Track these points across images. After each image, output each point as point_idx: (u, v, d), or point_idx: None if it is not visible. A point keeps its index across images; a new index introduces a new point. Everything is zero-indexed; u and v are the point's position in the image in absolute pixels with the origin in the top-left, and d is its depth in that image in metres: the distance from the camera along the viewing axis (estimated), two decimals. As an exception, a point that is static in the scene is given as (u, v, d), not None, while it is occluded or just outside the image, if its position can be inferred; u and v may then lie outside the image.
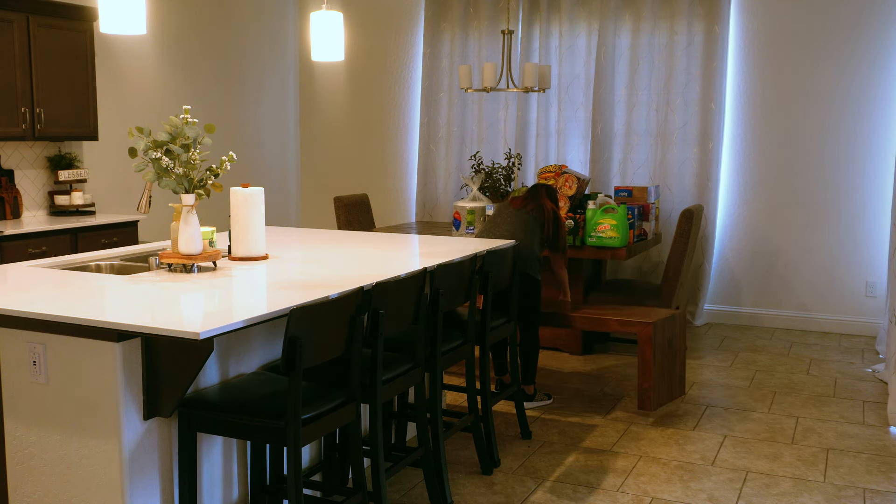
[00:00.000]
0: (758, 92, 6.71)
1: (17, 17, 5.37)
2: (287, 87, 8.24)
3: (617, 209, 5.59)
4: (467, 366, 3.91)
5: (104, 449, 2.61)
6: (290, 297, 2.84)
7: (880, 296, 6.43)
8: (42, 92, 5.53)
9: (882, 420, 4.63)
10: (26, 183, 5.81)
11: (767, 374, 5.50)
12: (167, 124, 3.21)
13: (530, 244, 4.65)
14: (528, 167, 7.29)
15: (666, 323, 4.81)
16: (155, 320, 2.52)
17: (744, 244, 6.85)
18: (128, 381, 2.60)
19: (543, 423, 4.54)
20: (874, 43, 6.35)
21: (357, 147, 8.17)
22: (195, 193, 3.29)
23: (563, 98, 7.20)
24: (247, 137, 7.73)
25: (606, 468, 3.95)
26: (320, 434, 2.78)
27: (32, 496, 2.77)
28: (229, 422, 2.68)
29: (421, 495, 3.63)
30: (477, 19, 7.45)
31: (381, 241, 4.48)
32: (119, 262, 3.73)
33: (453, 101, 7.58)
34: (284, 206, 8.24)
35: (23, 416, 2.76)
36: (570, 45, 7.16)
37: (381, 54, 7.95)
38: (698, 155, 6.80)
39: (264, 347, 3.18)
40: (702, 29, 6.73)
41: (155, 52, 6.77)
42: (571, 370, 5.55)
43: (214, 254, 3.36)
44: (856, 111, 6.44)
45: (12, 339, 2.73)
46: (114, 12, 3.23)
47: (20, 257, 4.97)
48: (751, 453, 4.14)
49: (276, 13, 8.03)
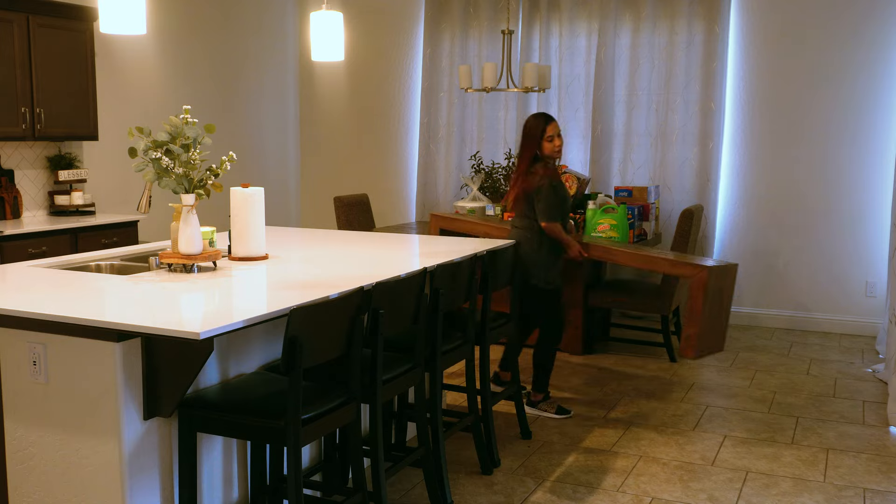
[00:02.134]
0: (758, 92, 6.71)
1: (17, 17, 5.37)
2: (287, 87, 8.24)
3: (617, 209, 5.59)
4: (467, 366, 3.91)
5: (104, 449, 2.61)
6: (290, 297, 2.84)
7: (880, 296, 6.42)
8: (42, 92, 5.52)
9: (882, 420, 4.63)
10: (26, 183, 5.81)
11: (767, 374, 5.50)
12: (167, 124, 3.21)
13: (525, 246, 4.55)
14: (528, 167, 7.28)
15: (721, 271, 4.67)
16: (155, 320, 2.51)
17: (744, 244, 6.85)
18: (128, 381, 2.60)
19: (543, 423, 4.54)
20: (874, 43, 6.35)
21: (357, 147, 8.17)
22: (195, 193, 3.29)
23: (563, 98, 7.20)
24: (247, 137, 7.73)
25: (606, 468, 3.95)
26: (320, 434, 2.78)
27: (32, 496, 2.77)
28: (229, 422, 2.68)
29: (421, 495, 3.63)
30: (477, 19, 7.45)
31: (381, 241, 4.48)
32: (119, 262, 3.73)
33: (453, 101, 7.58)
34: (284, 206, 8.24)
35: (23, 416, 2.76)
36: (570, 45, 7.16)
37: (381, 54, 7.95)
38: (698, 155, 6.80)
39: (264, 347, 3.18)
40: (702, 29, 6.73)
41: (155, 52, 6.77)
42: (571, 370, 5.55)
43: (214, 254, 3.36)
44: (856, 111, 6.44)
45: (12, 339, 2.73)
46: (114, 12, 3.23)
47: (20, 257, 4.97)
48: (751, 453, 4.14)
49: (276, 13, 8.03)
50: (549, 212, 4.47)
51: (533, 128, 4.50)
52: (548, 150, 4.47)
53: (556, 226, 4.49)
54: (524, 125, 4.56)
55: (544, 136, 4.46)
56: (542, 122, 4.48)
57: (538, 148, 4.49)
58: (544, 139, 4.46)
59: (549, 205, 4.46)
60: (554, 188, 4.48)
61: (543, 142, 4.46)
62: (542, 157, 4.50)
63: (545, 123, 4.47)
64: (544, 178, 4.46)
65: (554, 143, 4.46)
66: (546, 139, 4.46)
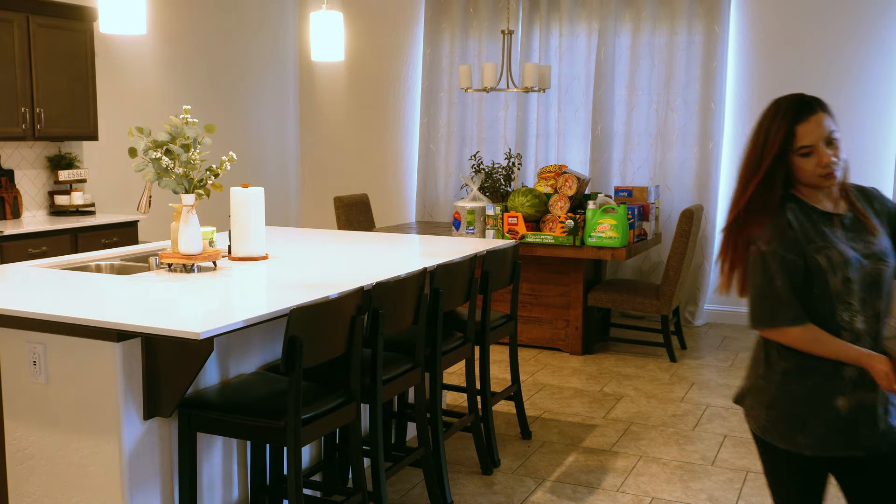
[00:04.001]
0: (758, 92, 6.71)
1: (17, 17, 5.36)
2: (287, 87, 8.24)
3: (617, 209, 5.59)
4: (467, 366, 3.91)
5: (104, 449, 2.61)
6: (290, 297, 2.84)
7: (880, 296, 6.41)
8: (42, 92, 5.52)
9: (882, 420, 4.63)
10: (26, 183, 5.81)
11: (767, 374, 5.49)
12: (167, 124, 3.21)
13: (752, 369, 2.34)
14: (528, 167, 7.29)
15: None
16: (155, 320, 2.51)
17: (744, 244, 6.83)
18: (128, 381, 2.60)
19: (543, 423, 4.54)
20: (874, 43, 6.35)
21: (357, 147, 8.17)
22: (195, 193, 3.29)
23: (562, 98, 7.20)
24: (247, 137, 7.73)
25: (606, 468, 3.95)
26: (320, 434, 2.78)
27: (32, 496, 2.77)
28: (229, 422, 2.68)
29: (421, 495, 3.63)
30: (477, 19, 7.45)
31: (381, 241, 4.48)
32: (119, 262, 3.73)
33: (453, 101, 7.58)
34: (284, 206, 8.24)
35: (23, 416, 2.76)
36: (570, 45, 7.16)
37: (381, 54, 7.95)
38: (698, 155, 6.80)
39: (264, 347, 3.18)
40: (702, 29, 6.73)
41: (155, 52, 6.77)
42: (571, 370, 5.55)
43: (214, 254, 3.36)
44: (856, 111, 6.44)
45: (12, 339, 2.73)
46: (114, 12, 3.23)
47: (20, 257, 4.97)
48: (751, 453, 4.14)
49: (276, 13, 8.03)
50: (758, 308, 2.18)
51: (768, 128, 2.17)
52: (806, 173, 2.15)
53: (791, 331, 2.13)
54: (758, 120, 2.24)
55: (794, 147, 2.14)
56: (786, 118, 2.15)
57: (783, 165, 2.15)
58: (795, 152, 2.14)
59: (759, 293, 2.17)
60: (770, 258, 2.13)
61: (795, 157, 2.15)
62: (796, 184, 2.19)
63: (794, 120, 2.15)
64: (762, 235, 2.15)
65: (819, 157, 2.13)
66: (798, 152, 2.14)
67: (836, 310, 2.11)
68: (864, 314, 2.12)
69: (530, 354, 5.85)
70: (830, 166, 2.12)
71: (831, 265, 2.10)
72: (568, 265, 5.84)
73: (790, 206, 2.16)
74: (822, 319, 2.12)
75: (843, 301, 2.11)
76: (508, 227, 5.80)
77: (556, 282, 5.89)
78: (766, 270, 2.13)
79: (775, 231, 2.13)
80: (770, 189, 2.15)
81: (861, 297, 2.11)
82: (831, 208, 2.19)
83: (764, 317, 2.16)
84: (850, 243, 2.14)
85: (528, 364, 5.61)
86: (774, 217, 2.14)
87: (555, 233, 5.75)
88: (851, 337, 2.11)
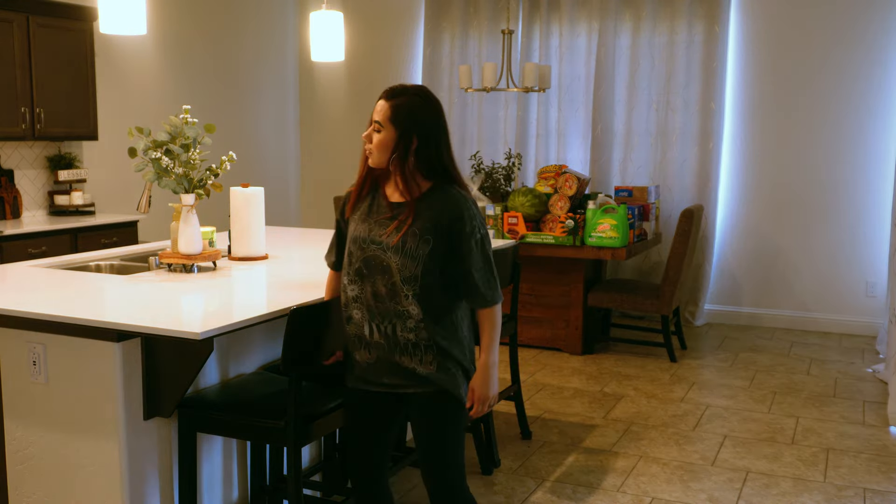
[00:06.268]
0: (758, 92, 6.71)
1: (17, 17, 5.36)
2: (287, 87, 8.23)
3: (617, 209, 5.59)
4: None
5: (104, 449, 2.61)
6: (290, 297, 2.84)
7: (880, 296, 6.42)
8: (42, 92, 5.52)
9: (882, 420, 4.63)
10: (26, 183, 5.81)
11: (767, 374, 5.49)
12: (167, 124, 3.21)
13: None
14: (528, 167, 7.28)
15: None
16: (155, 320, 2.51)
17: (744, 244, 6.85)
18: (128, 381, 2.59)
19: (543, 423, 4.54)
20: (874, 43, 6.35)
21: (357, 147, 8.16)
22: (195, 193, 3.29)
23: (563, 98, 7.20)
24: (247, 137, 7.73)
25: (606, 468, 3.95)
26: (320, 434, 2.78)
27: (32, 496, 2.77)
28: (229, 422, 2.68)
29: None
30: (477, 19, 7.45)
31: (381, 241, 4.47)
32: (119, 262, 3.73)
33: (453, 101, 7.58)
34: (284, 206, 8.24)
35: (23, 416, 2.75)
36: (570, 45, 7.16)
37: (381, 54, 7.95)
38: (698, 155, 6.79)
39: (264, 347, 3.18)
40: (702, 29, 6.73)
41: (155, 52, 6.77)
42: (571, 370, 5.55)
43: (214, 254, 3.36)
44: (856, 111, 6.44)
45: (12, 339, 2.73)
46: (114, 12, 3.23)
47: (20, 257, 4.97)
48: (751, 453, 4.14)
49: (275, 13, 8.03)
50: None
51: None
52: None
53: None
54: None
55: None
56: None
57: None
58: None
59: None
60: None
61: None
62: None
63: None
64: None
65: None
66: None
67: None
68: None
69: (530, 354, 5.85)
70: None
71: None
72: (568, 265, 5.84)
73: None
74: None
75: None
76: (508, 227, 5.80)
77: (556, 282, 5.89)
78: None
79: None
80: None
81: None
82: None
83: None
84: None
85: (528, 364, 5.60)
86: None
87: (555, 233, 5.75)
88: None
